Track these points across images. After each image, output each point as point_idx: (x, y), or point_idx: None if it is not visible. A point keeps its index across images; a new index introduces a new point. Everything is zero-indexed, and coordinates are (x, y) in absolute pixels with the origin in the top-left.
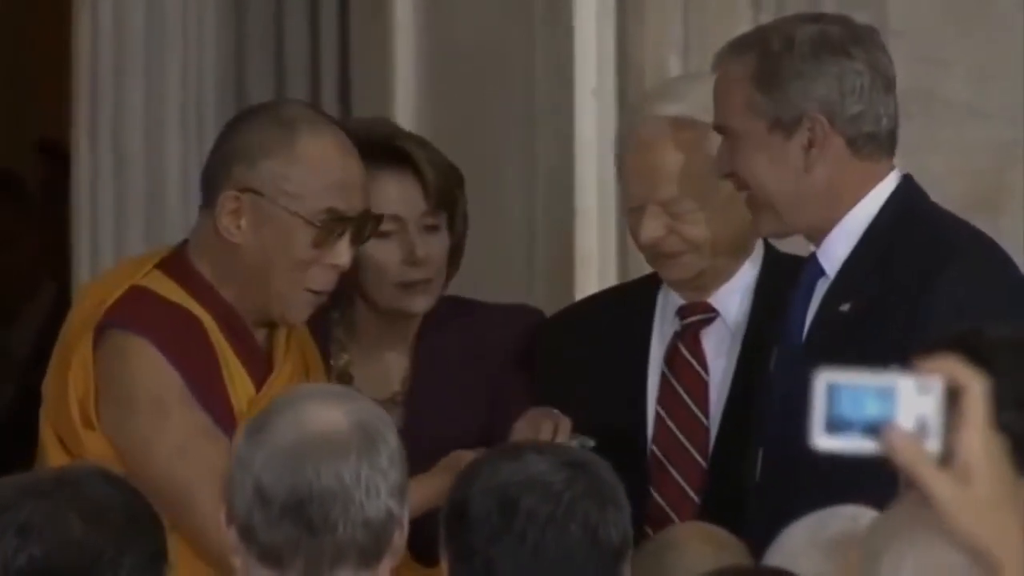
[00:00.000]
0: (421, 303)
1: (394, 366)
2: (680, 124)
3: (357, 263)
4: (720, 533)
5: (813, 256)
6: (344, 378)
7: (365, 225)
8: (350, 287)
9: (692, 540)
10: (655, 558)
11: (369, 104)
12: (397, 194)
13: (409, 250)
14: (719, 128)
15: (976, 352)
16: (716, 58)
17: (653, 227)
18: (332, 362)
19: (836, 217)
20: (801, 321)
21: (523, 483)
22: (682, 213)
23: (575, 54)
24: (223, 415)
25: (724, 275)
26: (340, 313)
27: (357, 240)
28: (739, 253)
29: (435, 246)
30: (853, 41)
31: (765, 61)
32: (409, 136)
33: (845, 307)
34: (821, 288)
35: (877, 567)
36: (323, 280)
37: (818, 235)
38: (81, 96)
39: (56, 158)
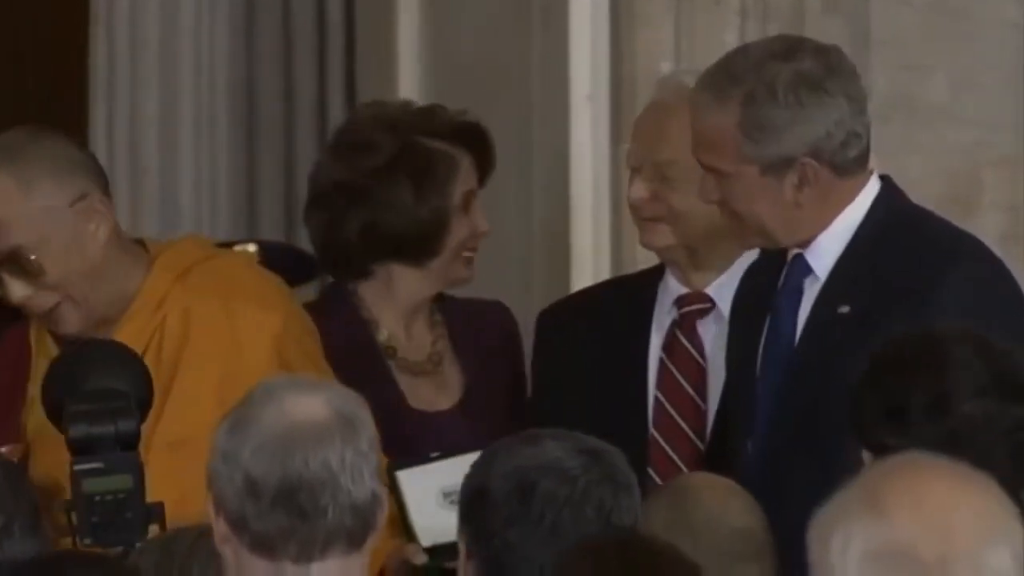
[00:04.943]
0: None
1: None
2: None
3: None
4: (731, 483)
5: (800, 257)
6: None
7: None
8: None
9: (713, 488)
10: (673, 501)
11: None
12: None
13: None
14: (707, 168)
15: (936, 348)
16: (692, 94)
17: (641, 188)
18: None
19: (825, 226)
20: (791, 322)
21: (541, 467)
22: (672, 179)
23: (570, 62)
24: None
25: (719, 265)
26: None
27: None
28: (726, 242)
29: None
30: (827, 74)
31: (750, 110)
32: None
33: (844, 309)
34: (810, 288)
35: (827, 551)
36: None
37: (808, 240)
38: (98, 106)
39: None
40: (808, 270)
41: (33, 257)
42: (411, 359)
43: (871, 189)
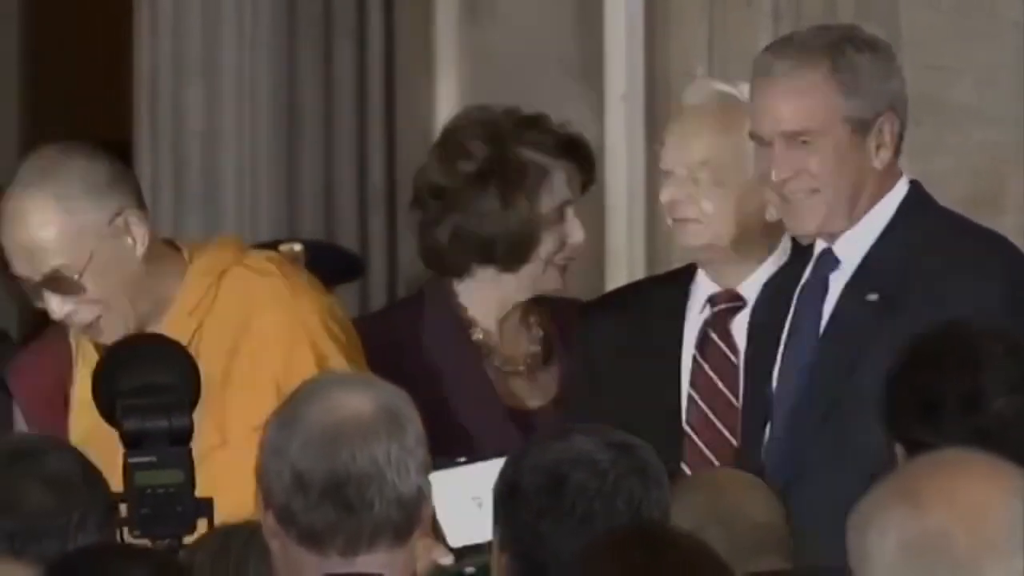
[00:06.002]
0: None
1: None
2: (725, 99)
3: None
4: (752, 477)
5: (828, 251)
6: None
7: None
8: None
9: (735, 482)
10: (694, 494)
11: (412, 107)
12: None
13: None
14: (796, 134)
15: (968, 345)
16: (768, 69)
17: (673, 191)
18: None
19: (859, 215)
20: (817, 310)
21: (571, 460)
22: (704, 181)
23: (606, 62)
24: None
25: (750, 264)
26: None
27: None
28: (758, 241)
29: None
30: (886, 44)
31: (841, 60)
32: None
33: (872, 297)
34: (836, 280)
35: (865, 541)
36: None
37: (838, 234)
38: (141, 100)
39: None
40: (836, 263)
41: (75, 276)
42: (504, 358)
43: (900, 189)
